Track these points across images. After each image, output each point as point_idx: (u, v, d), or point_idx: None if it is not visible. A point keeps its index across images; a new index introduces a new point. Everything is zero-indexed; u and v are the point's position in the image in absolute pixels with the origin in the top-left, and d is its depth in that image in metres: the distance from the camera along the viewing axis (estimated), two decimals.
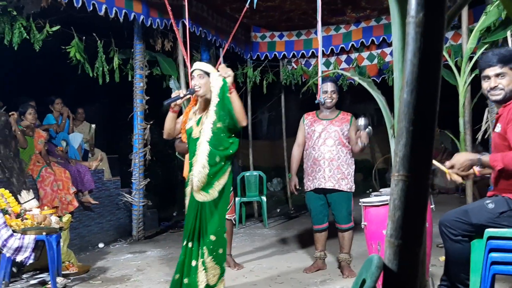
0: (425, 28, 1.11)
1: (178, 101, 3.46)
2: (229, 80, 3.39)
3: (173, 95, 3.49)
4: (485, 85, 2.88)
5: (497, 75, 2.82)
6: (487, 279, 2.69)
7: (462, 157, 2.72)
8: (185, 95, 3.45)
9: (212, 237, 3.42)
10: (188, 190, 3.54)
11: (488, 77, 2.85)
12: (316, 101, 4.46)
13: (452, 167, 2.72)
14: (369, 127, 4.03)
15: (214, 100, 3.40)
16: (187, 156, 3.80)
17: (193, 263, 3.44)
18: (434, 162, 2.81)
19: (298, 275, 4.45)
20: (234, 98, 3.36)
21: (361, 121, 4.00)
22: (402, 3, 1.24)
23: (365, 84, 1.41)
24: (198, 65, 3.59)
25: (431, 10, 1.10)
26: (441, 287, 3.01)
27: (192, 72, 3.54)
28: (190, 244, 3.46)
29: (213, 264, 3.44)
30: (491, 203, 2.75)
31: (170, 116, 3.55)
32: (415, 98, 1.12)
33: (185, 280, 3.42)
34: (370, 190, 3.91)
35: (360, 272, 1.32)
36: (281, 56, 8.36)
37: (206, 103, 3.51)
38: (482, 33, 4.93)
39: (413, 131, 1.12)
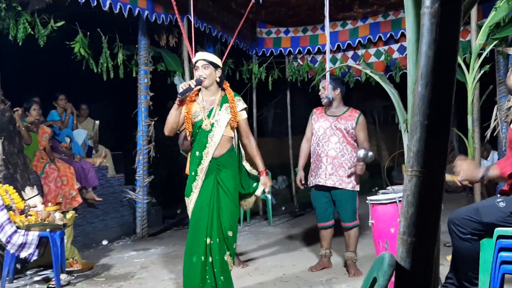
0: (441, 19, 1.06)
1: (190, 93, 3.39)
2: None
3: (182, 86, 3.37)
4: None
5: None
6: (497, 279, 2.64)
7: (466, 169, 2.68)
8: (196, 86, 3.37)
9: (230, 233, 3.38)
10: (196, 184, 3.42)
11: None
12: (324, 98, 4.41)
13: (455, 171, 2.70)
14: (369, 153, 4.10)
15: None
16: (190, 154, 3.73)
17: (226, 257, 3.39)
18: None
19: (304, 273, 4.41)
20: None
21: (360, 153, 4.12)
22: None
23: (376, 78, 1.37)
24: (202, 55, 3.50)
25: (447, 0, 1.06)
26: (447, 285, 2.96)
27: (196, 62, 3.45)
28: (209, 240, 3.35)
29: (230, 260, 3.42)
30: (502, 201, 2.70)
31: (176, 109, 3.40)
32: (430, 91, 1.07)
33: (222, 278, 3.33)
34: (376, 188, 3.86)
35: (371, 271, 1.28)
36: (287, 52, 8.30)
37: (212, 93, 3.46)
38: (491, 29, 4.86)
39: (428, 125, 1.07)
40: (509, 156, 2.78)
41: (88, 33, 6.04)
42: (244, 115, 3.52)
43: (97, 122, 7.32)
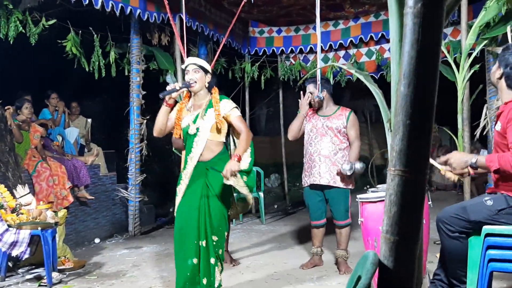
0: (423, 19, 1.08)
1: (174, 94, 3.35)
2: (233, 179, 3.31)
3: (169, 87, 3.37)
4: None
5: None
6: (485, 276, 2.67)
7: (458, 156, 2.70)
8: (181, 88, 3.35)
9: (215, 237, 3.34)
10: (181, 187, 3.43)
11: None
12: (315, 97, 4.44)
13: (446, 162, 2.71)
14: (356, 166, 4.10)
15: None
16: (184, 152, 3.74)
17: (212, 260, 3.34)
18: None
19: (295, 271, 4.43)
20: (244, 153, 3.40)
21: (345, 166, 4.13)
22: None
23: (361, 77, 1.38)
24: (192, 59, 3.50)
25: (429, 0, 1.07)
26: (434, 281, 2.99)
27: (186, 66, 3.44)
28: (200, 242, 3.32)
29: (218, 263, 3.39)
30: (490, 200, 2.73)
31: (164, 110, 3.41)
32: (412, 91, 1.09)
33: (204, 281, 3.31)
34: (368, 186, 3.88)
35: (356, 269, 1.30)
36: (279, 52, 8.31)
37: (201, 98, 3.45)
38: (481, 29, 4.89)
39: (410, 125, 1.09)
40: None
41: (80, 31, 6.02)
42: (234, 113, 3.43)
43: (89, 120, 7.30)
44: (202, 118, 3.39)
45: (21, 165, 5.27)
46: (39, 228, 4.16)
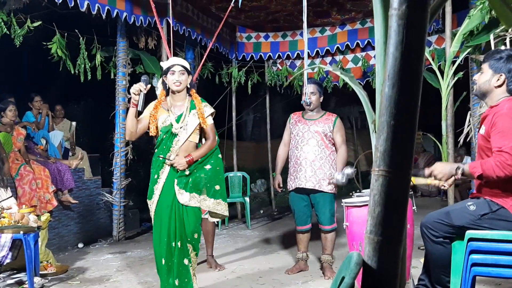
0: (408, 21, 1.09)
1: (142, 96, 3.27)
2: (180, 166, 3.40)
3: (134, 92, 3.24)
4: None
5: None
6: (468, 281, 2.69)
7: (441, 167, 2.73)
8: (145, 89, 3.27)
9: (195, 235, 3.42)
10: (158, 186, 3.43)
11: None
12: (301, 102, 4.46)
13: (430, 175, 2.75)
14: (346, 171, 4.06)
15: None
16: None
17: (185, 261, 3.39)
18: (415, 179, 2.85)
19: (280, 276, 4.42)
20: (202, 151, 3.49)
21: (338, 176, 4.09)
22: None
23: (346, 79, 1.39)
24: (178, 60, 3.50)
25: (414, 2, 1.08)
26: (419, 286, 3.01)
27: (172, 66, 3.42)
28: (174, 244, 3.37)
29: (195, 259, 3.46)
30: (473, 205, 2.75)
31: (131, 112, 3.32)
32: (396, 92, 1.09)
33: (176, 282, 3.34)
34: (353, 192, 3.89)
35: (340, 270, 1.30)
36: (267, 57, 8.34)
37: (180, 98, 3.46)
38: (465, 37, 4.97)
39: (394, 126, 1.09)
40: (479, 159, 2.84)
41: (66, 33, 5.97)
42: (209, 120, 3.52)
43: (74, 123, 7.24)
44: (186, 119, 3.41)
45: (3, 168, 5.19)
46: (21, 232, 4.09)
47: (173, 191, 3.40)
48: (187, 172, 3.41)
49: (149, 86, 3.31)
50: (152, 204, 3.45)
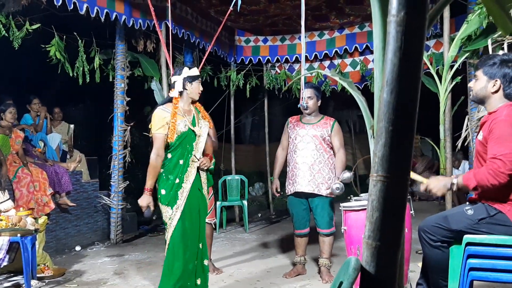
0: (406, 27, 1.09)
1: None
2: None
3: (146, 212, 3.51)
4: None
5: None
6: (465, 285, 2.70)
7: (435, 183, 2.75)
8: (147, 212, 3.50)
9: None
10: (183, 190, 3.42)
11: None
12: (298, 105, 4.46)
13: (426, 190, 2.78)
14: (344, 176, 4.07)
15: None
16: None
17: (206, 262, 3.56)
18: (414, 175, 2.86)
19: (278, 280, 4.42)
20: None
21: (334, 186, 4.14)
22: (384, 2, 1.23)
23: (345, 84, 1.40)
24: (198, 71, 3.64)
25: (412, 9, 1.09)
26: None
27: (199, 76, 3.57)
28: (201, 246, 3.51)
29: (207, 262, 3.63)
30: (471, 209, 2.76)
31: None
32: (395, 98, 1.10)
33: (198, 281, 3.48)
34: (351, 196, 3.90)
35: (338, 275, 1.30)
36: (265, 61, 8.36)
37: (188, 104, 3.54)
38: (463, 42, 4.99)
39: (393, 131, 1.10)
40: (476, 167, 2.85)
41: (65, 36, 5.97)
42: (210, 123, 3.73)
43: (72, 126, 7.22)
44: (199, 122, 3.51)
45: (1, 170, 5.18)
46: (19, 235, 4.08)
47: (198, 194, 3.49)
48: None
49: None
50: (176, 209, 3.39)
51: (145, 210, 3.47)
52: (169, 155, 3.44)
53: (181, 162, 3.43)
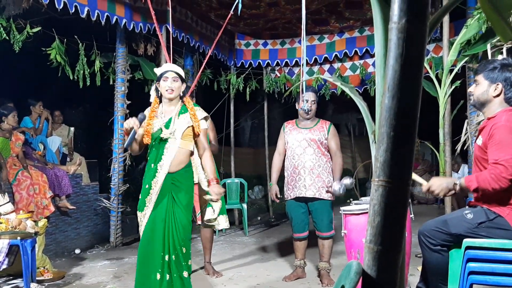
0: (408, 34, 1.11)
1: (139, 132, 3.26)
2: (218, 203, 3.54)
3: (126, 125, 3.19)
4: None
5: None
6: None
7: (438, 183, 2.75)
8: (140, 126, 3.23)
9: (184, 249, 3.29)
10: (151, 198, 3.29)
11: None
12: (299, 109, 4.47)
13: (428, 190, 2.78)
14: (345, 182, 4.14)
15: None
16: None
17: (185, 274, 3.28)
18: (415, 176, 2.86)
19: (278, 283, 4.42)
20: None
21: (335, 187, 4.19)
22: (385, 9, 1.24)
23: (346, 90, 1.41)
24: (172, 66, 3.41)
25: (413, 16, 1.10)
26: None
27: (165, 72, 3.33)
28: (168, 257, 3.25)
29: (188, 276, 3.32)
30: (470, 213, 2.77)
31: (138, 134, 3.26)
32: (396, 104, 1.11)
33: None
34: (351, 199, 3.91)
35: (339, 279, 1.31)
36: (265, 64, 8.39)
37: (172, 104, 3.37)
38: (462, 46, 5.00)
39: (394, 137, 1.11)
40: (474, 171, 2.87)
41: (65, 39, 5.99)
42: (202, 124, 3.42)
43: (72, 129, 7.24)
44: (175, 123, 3.30)
45: (1, 173, 5.19)
46: (18, 238, 4.09)
47: (165, 203, 3.28)
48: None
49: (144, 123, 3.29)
50: (143, 217, 3.29)
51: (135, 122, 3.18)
52: (148, 158, 3.39)
53: (152, 165, 3.31)
